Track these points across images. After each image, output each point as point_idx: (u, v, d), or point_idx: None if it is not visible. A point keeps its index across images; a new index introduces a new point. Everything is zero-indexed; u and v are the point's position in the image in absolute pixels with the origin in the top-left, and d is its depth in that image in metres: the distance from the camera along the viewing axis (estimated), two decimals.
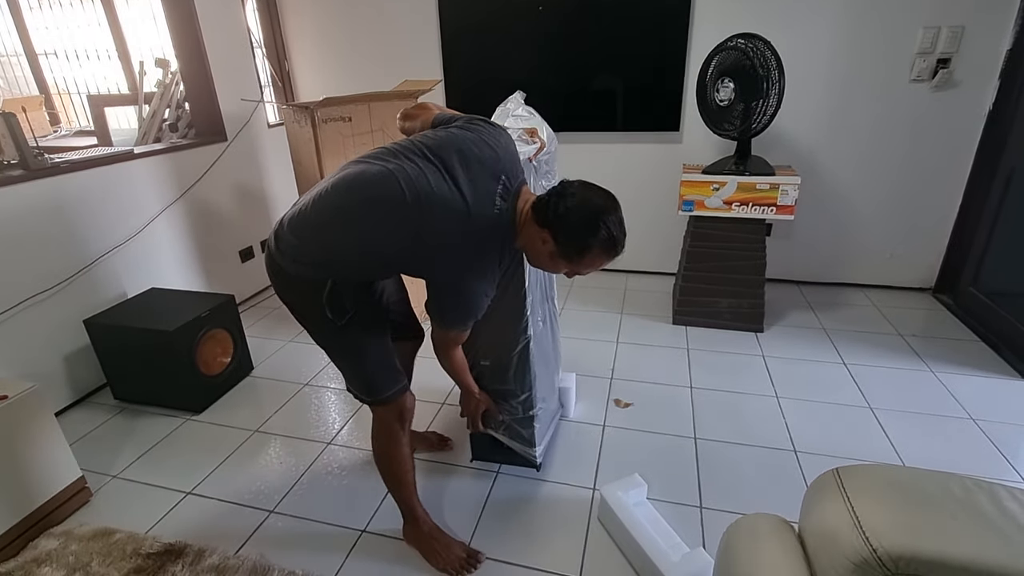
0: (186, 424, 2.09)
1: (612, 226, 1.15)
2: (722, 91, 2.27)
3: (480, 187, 1.17)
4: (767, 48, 2.16)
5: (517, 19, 2.98)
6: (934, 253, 2.90)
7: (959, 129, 2.64)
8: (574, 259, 1.19)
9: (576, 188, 1.18)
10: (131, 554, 1.48)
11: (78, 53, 4.01)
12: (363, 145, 2.34)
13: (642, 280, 3.29)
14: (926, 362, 2.32)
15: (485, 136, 1.23)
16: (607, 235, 1.15)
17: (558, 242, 1.17)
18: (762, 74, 2.16)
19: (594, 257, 1.18)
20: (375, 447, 1.44)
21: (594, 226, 1.14)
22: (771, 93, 2.19)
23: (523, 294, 1.48)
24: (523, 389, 1.60)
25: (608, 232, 1.14)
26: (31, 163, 2.03)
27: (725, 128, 2.38)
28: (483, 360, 1.60)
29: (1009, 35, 2.44)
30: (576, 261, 1.20)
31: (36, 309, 2.05)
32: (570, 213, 1.14)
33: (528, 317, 1.52)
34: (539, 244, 1.20)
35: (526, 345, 1.54)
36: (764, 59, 2.16)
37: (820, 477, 0.96)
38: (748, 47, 2.18)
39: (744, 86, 2.23)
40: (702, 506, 1.62)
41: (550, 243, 1.18)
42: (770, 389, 2.17)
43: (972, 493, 0.84)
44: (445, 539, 1.47)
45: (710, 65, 2.32)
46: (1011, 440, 1.85)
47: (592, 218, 1.14)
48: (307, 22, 3.34)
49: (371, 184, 1.15)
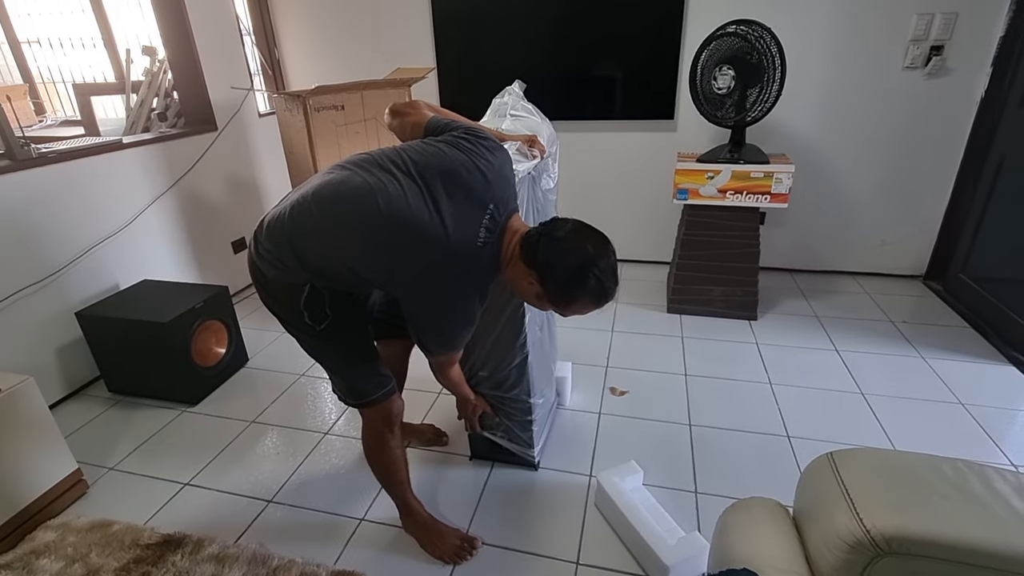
0: (182, 416, 2.08)
1: (603, 276, 1.08)
2: (720, 79, 2.25)
3: (463, 217, 1.11)
4: (768, 35, 2.14)
5: (511, 6, 2.95)
6: (925, 240, 2.93)
7: (951, 116, 2.66)
8: (561, 306, 1.14)
9: (567, 232, 1.11)
10: (130, 545, 1.48)
11: (63, 41, 3.94)
12: (356, 134, 2.32)
13: (637, 269, 3.30)
14: (917, 348, 2.35)
15: (477, 159, 1.15)
16: (596, 286, 1.08)
17: (545, 287, 1.11)
18: (765, 62, 2.15)
19: (582, 306, 1.12)
20: (365, 448, 1.44)
21: (582, 277, 1.07)
22: (773, 80, 2.18)
23: (521, 312, 1.46)
24: (521, 397, 1.60)
25: (598, 283, 1.08)
26: (17, 153, 1.99)
27: (721, 116, 2.38)
28: (481, 371, 1.59)
29: (1002, 22, 2.45)
30: (563, 307, 1.15)
31: (27, 302, 2.03)
32: (559, 259, 1.08)
33: (526, 335, 1.50)
34: (525, 284, 1.14)
35: (524, 358, 1.53)
36: (765, 45, 2.14)
37: (814, 461, 0.98)
38: (749, 34, 2.16)
39: (744, 74, 2.22)
40: (697, 491, 1.64)
41: (536, 286, 1.12)
42: (764, 376, 2.20)
43: (963, 475, 0.85)
44: (441, 528, 1.49)
45: (702, 53, 2.30)
46: (999, 424, 1.89)
47: (581, 268, 1.07)
48: (297, 9, 3.29)
49: (349, 199, 1.10)
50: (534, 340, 1.58)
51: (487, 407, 1.64)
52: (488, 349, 1.54)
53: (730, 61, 2.23)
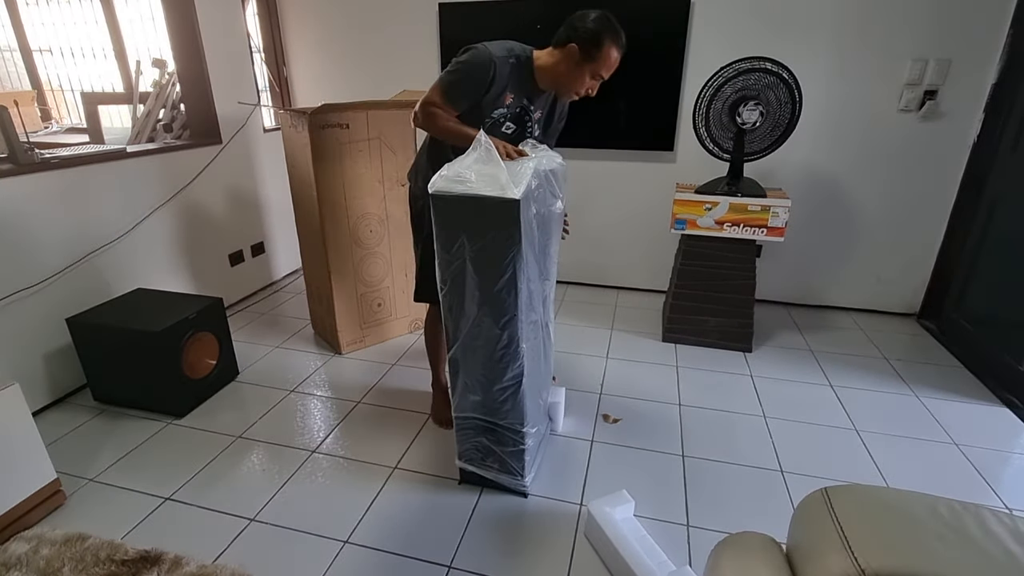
0: (167, 428, 2.05)
1: (613, 20, 1.58)
2: (745, 114, 2.30)
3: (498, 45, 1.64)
4: (791, 76, 2.24)
5: (516, 37, 3.00)
6: (919, 279, 2.95)
7: (945, 159, 2.71)
8: (593, 54, 1.56)
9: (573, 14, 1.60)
10: (104, 560, 1.43)
11: (74, 51, 3.99)
12: (359, 152, 2.35)
13: (633, 297, 3.30)
14: (911, 386, 2.35)
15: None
16: (608, 22, 1.56)
17: (579, 44, 1.56)
18: (796, 100, 2.25)
19: (608, 46, 1.56)
20: (426, 334, 2.03)
21: (604, 20, 1.56)
22: (797, 119, 2.29)
23: (518, 339, 1.46)
24: (514, 425, 1.58)
25: (608, 20, 1.57)
26: (21, 158, 2.00)
27: (731, 151, 2.41)
28: (473, 395, 1.58)
29: (994, 70, 2.52)
30: (596, 57, 1.57)
31: (18, 305, 2.01)
32: (582, 18, 1.58)
33: (523, 360, 1.49)
34: (562, 62, 1.61)
35: (518, 384, 1.52)
36: (795, 85, 2.24)
37: (808, 496, 0.96)
38: (781, 72, 2.23)
39: (774, 110, 2.29)
40: (689, 524, 1.61)
41: (574, 51, 1.57)
42: (758, 408, 2.18)
43: (959, 516, 0.84)
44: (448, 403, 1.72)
45: (722, 87, 2.32)
46: (993, 466, 1.87)
47: (599, 16, 1.57)
48: (308, 29, 3.36)
49: None
50: (530, 368, 1.56)
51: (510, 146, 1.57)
52: (481, 371, 1.53)
53: (756, 96, 2.28)
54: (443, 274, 1.46)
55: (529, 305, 1.49)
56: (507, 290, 1.40)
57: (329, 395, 2.27)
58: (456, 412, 1.64)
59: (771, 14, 2.68)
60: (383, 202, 2.49)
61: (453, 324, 1.51)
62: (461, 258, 1.41)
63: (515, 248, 1.35)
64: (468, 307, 1.47)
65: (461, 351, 1.54)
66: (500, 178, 1.33)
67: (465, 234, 1.38)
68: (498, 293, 1.41)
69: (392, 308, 2.68)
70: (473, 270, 1.41)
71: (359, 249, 2.48)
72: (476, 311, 1.46)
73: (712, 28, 2.77)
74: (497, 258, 1.37)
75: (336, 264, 2.43)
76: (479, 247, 1.38)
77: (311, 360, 2.53)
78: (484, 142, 1.42)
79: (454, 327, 1.51)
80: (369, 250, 2.51)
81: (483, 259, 1.39)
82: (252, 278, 3.25)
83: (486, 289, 1.42)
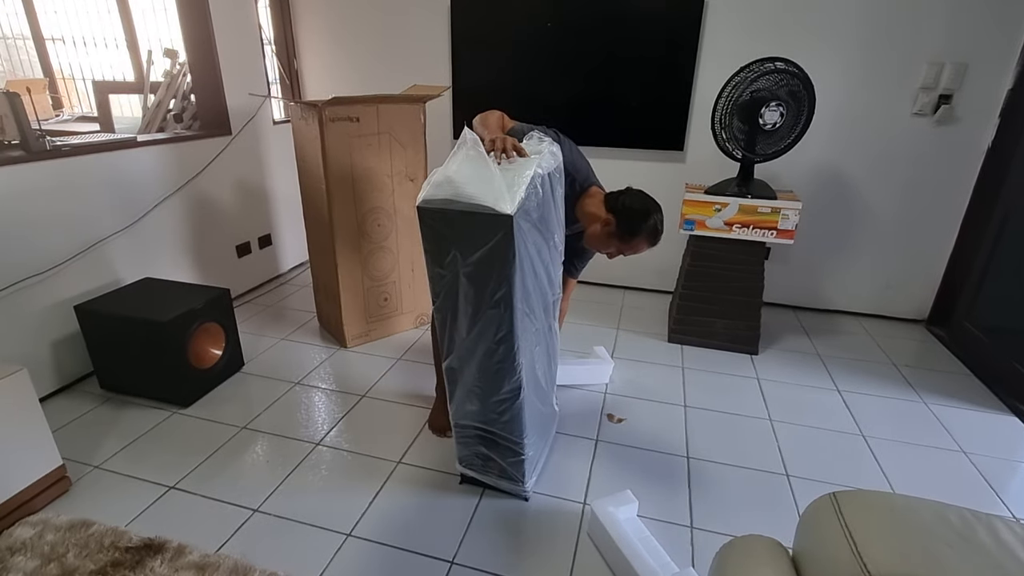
0: (172, 417, 2.05)
1: (658, 221, 1.63)
2: (767, 115, 2.27)
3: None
4: (806, 76, 2.22)
5: (527, 34, 3.01)
6: (929, 286, 2.93)
7: (958, 164, 2.68)
8: (625, 239, 1.62)
9: (637, 192, 1.67)
10: (108, 547, 1.44)
11: (86, 39, 4.01)
12: (368, 146, 2.34)
13: (639, 297, 3.29)
14: (919, 393, 2.33)
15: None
16: (654, 226, 1.62)
17: (619, 224, 1.61)
18: (813, 99, 2.23)
19: (640, 241, 1.62)
20: (432, 331, 1.94)
21: (646, 217, 1.60)
22: (811, 119, 2.27)
23: (514, 354, 1.42)
24: (513, 436, 1.56)
25: (655, 225, 1.62)
26: (32, 145, 2.01)
27: (758, 150, 2.38)
28: (470, 404, 1.56)
29: (1011, 74, 2.49)
30: (627, 242, 1.63)
31: (27, 292, 2.02)
32: (633, 203, 1.62)
33: (521, 375, 1.45)
34: (601, 224, 1.64)
35: (515, 397, 1.49)
36: (809, 85, 2.22)
37: (816, 501, 0.95)
38: (800, 73, 2.21)
39: (793, 111, 2.27)
40: (693, 526, 1.61)
41: (612, 224, 1.62)
42: (764, 412, 2.17)
43: (969, 524, 0.83)
44: (444, 410, 1.71)
45: (743, 88, 2.29)
46: (1001, 474, 1.86)
47: (646, 212, 1.61)
48: (319, 22, 3.36)
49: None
50: (530, 379, 1.53)
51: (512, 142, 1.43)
52: (477, 383, 1.50)
53: (780, 97, 2.26)
54: (435, 287, 1.40)
55: (528, 316, 1.43)
56: (502, 306, 1.34)
57: (334, 388, 2.27)
58: (455, 419, 1.61)
59: (784, 17, 2.65)
60: (392, 196, 2.48)
61: (447, 336, 1.47)
62: (454, 272, 1.35)
63: (510, 265, 1.28)
64: (461, 321, 1.42)
65: (457, 362, 1.50)
66: (494, 184, 1.24)
67: (457, 248, 1.30)
68: (493, 308, 1.35)
69: (398, 303, 2.68)
70: (467, 284, 1.34)
71: (367, 243, 2.48)
72: (470, 325, 1.41)
73: (725, 28, 2.74)
74: (491, 273, 1.30)
75: (343, 258, 2.43)
76: (472, 262, 1.30)
77: (317, 353, 2.54)
78: (471, 140, 1.35)
79: (448, 339, 1.47)
80: (377, 244, 2.51)
81: (476, 275, 1.32)
82: (259, 270, 3.26)
83: (480, 304, 1.36)
